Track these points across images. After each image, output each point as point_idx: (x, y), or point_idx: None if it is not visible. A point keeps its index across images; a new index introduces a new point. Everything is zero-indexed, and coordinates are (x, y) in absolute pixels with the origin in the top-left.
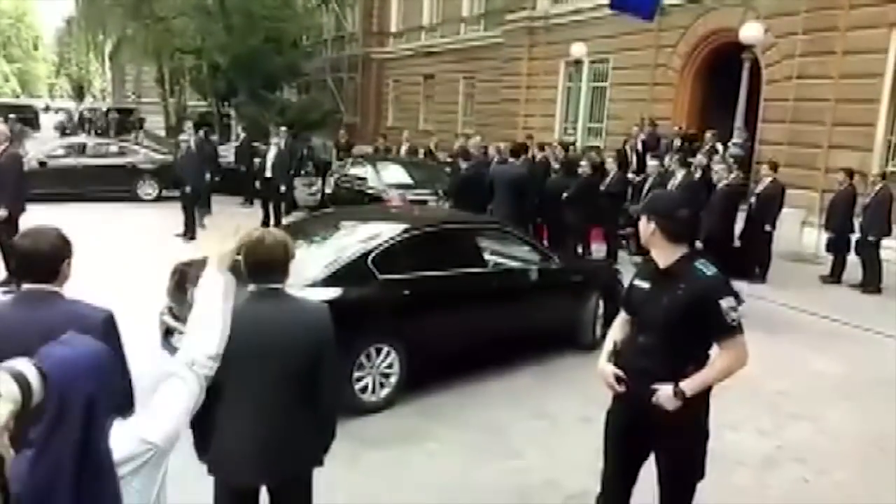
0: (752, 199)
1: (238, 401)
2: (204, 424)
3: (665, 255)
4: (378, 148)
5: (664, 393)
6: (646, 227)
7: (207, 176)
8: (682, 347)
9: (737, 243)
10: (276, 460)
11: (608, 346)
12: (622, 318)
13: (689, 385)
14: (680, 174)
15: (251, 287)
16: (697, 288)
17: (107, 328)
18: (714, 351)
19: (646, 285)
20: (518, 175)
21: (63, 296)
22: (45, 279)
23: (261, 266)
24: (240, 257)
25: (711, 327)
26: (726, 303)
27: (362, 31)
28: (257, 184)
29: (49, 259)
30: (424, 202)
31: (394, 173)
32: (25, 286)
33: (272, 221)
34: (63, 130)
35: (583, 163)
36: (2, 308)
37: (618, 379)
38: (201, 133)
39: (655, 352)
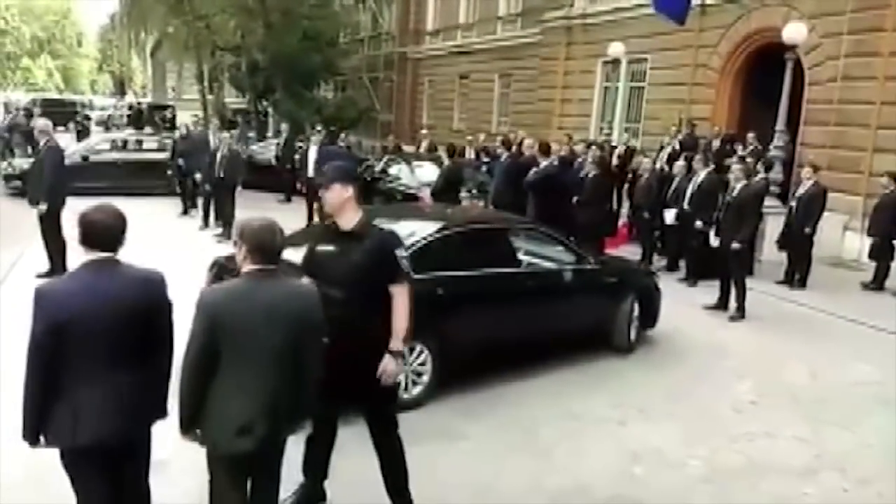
0: (793, 203)
1: (241, 372)
2: (200, 396)
3: None
4: (386, 147)
5: None
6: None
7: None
8: None
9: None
10: (275, 426)
11: None
12: None
13: None
14: (703, 173)
15: (250, 267)
16: None
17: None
18: None
19: None
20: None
21: (121, 262)
22: (112, 248)
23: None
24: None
25: None
26: None
27: (398, 29)
28: (298, 184)
29: (120, 230)
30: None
31: (428, 172)
32: (98, 255)
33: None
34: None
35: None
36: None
37: None
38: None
39: None
